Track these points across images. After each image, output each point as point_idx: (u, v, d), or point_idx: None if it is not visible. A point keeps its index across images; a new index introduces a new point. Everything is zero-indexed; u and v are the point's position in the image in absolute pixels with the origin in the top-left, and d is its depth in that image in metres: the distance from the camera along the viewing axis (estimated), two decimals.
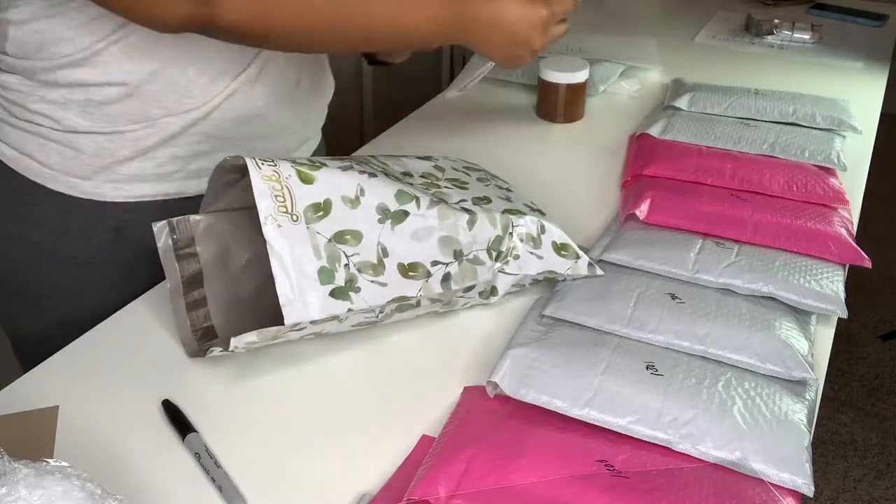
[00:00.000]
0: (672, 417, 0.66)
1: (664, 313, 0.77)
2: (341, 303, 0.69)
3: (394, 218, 0.73)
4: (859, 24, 1.76)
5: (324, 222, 0.69)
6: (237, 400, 0.72)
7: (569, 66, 1.26)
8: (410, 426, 0.69)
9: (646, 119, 1.25)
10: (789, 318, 0.78)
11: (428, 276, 0.74)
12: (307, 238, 0.68)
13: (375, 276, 0.71)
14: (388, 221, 0.72)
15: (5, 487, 0.48)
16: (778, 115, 1.20)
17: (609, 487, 0.60)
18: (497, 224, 0.78)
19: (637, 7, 1.88)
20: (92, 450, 0.66)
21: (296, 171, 0.70)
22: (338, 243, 0.69)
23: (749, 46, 1.63)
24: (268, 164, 0.69)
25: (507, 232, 0.78)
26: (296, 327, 0.68)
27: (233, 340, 0.66)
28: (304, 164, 0.71)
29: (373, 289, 0.71)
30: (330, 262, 0.69)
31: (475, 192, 0.83)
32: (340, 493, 0.63)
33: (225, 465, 0.65)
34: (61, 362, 0.76)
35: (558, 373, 0.69)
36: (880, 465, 1.89)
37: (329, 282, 0.68)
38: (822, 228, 0.91)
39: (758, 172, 1.02)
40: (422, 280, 0.73)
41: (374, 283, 0.71)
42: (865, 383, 2.14)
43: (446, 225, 0.75)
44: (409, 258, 0.73)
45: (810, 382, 0.72)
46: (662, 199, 0.95)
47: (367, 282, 0.70)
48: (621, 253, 0.86)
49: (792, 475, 0.62)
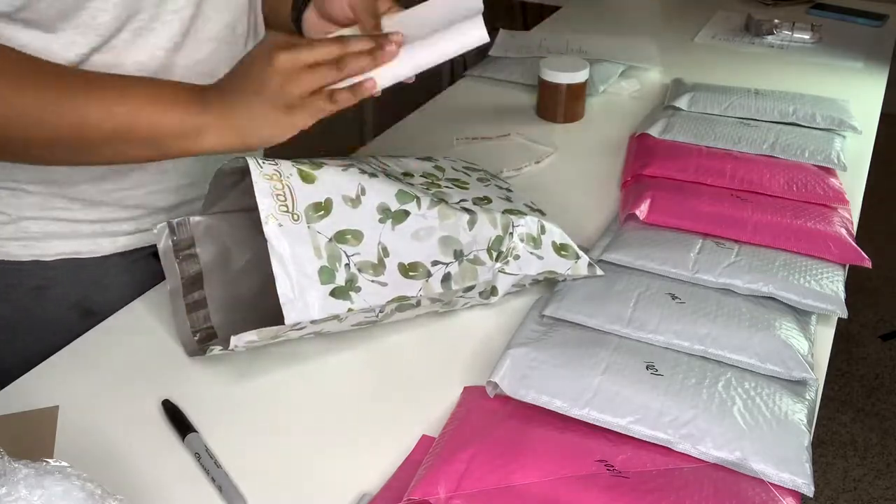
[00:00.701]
0: (672, 417, 0.65)
1: (664, 313, 0.77)
2: (341, 302, 0.69)
3: (394, 218, 0.73)
4: (859, 24, 1.76)
5: (324, 222, 0.69)
6: (237, 400, 0.72)
7: (569, 66, 1.26)
8: (410, 426, 0.69)
9: (646, 119, 1.25)
10: (789, 318, 0.78)
11: (428, 276, 0.74)
12: (308, 237, 0.68)
13: (376, 275, 0.71)
14: (388, 221, 0.72)
15: (5, 487, 0.48)
16: (778, 115, 1.20)
17: (609, 487, 0.60)
18: (497, 224, 0.78)
19: (637, 7, 1.88)
20: (92, 450, 0.66)
21: (297, 170, 0.70)
22: (338, 243, 0.69)
23: (749, 46, 1.63)
24: (269, 163, 0.70)
25: (507, 232, 0.79)
26: (296, 327, 0.68)
27: (233, 339, 0.66)
28: (305, 163, 0.71)
29: (373, 288, 0.71)
30: (330, 262, 0.69)
31: (475, 192, 0.83)
32: (340, 493, 0.63)
33: (225, 465, 0.65)
34: (61, 362, 0.76)
35: (558, 373, 0.69)
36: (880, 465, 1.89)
37: (329, 281, 0.68)
38: (822, 228, 0.91)
39: (758, 172, 1.02)
40: (422, 280, 0.73)
41: (374, 282, 0.71)
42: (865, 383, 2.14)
43: (447, 225, 0.75)
44: (410, 258, 0.73)
45: (810, 382, 0.72)
46: (662, 199, 0.95)
47: (368, 281, 0.70)
48: (621, 253, 0.86)
49: (792, 475, 0.62)
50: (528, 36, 1.64)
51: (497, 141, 1.21)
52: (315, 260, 0.68)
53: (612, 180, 1.10)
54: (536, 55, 1.47)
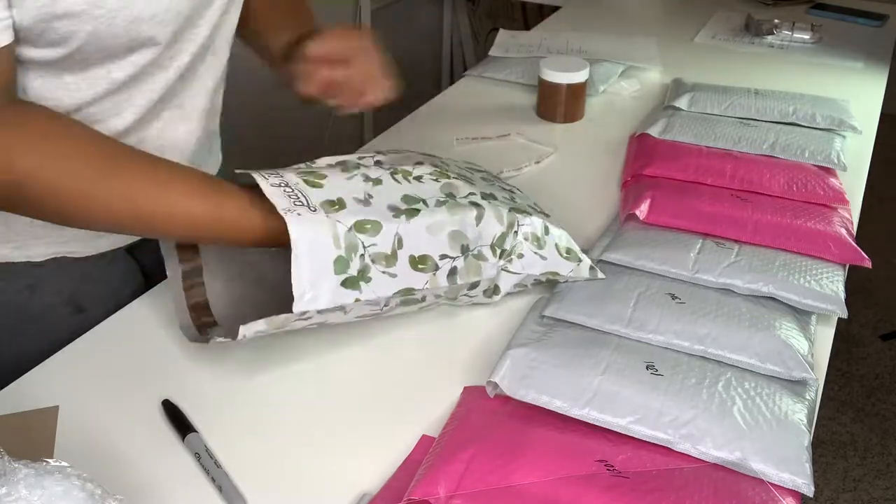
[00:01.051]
0: (672, 417, 0.66)
1: (664, 313, 0.77)
2: (351, 292, 0.69)
3: (407, 214, 0.73)
4: (859, 24, 1.76)
5: (342, 212, 0.70)
6: (237, 400, 0.72)
7: (569, 66, 1.26)
8: (410, 426, 0.69)
9: (646, 119, 1.25)
10: (789, 318, 0.78)
11: (436, 270, 0.74)
12: (328, 225, 0.68)
13: (388, 266, 0.71)
14: (402, 216, 0.72)
15: (5, 487, 0.48)
16: (778, 115, 1.20)
17: (609, 487, 0.60)
18: (503, 220, 0.78)
19: (637, 7, 1.88)
20: (92, 450, 0.66)
21: (302, 179, 0.71)
22: (358, 232, 0.69)
23: (749, 46, 1.63)
24: (273, 175, 0.70)
25: (512, 230, 0.78)
26: (302, 316, 0.68)
27: (242, 328, 0.65)
28: (308, 173, 0.72)
29: (383, 279, 0.70)
30: (347, 252, 0.68)
31: (482, 188, 0.83)
32: (340, 493, 0.63)
33: (225, 465, 0.65)
34: (61, 362, 0.76)
35: (558, 373, 0.69)
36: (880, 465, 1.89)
37: (343, 271, 0.68)
38: (822, 228, 0.91)
39: (758, 172, 1.02)
40: (429, 273, 0.73)
41: (384, 273, 0.71)
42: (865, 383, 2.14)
43: (456, 220, 0.75)
44: (421, 251, 0.73)
45: (810, 382, 0.72)
46: (662, 199, 0.95)
47: (379, 272, 0.70)
48: (621, 253, 0.86)
49: (792, 475, 0.62)
50: (528, 36, 1.64)
51: (497, 141, 1.21)
52: (333, 249, 0.68)
53: (612, 180, 1.10)
54: (536, 55, 1.47)
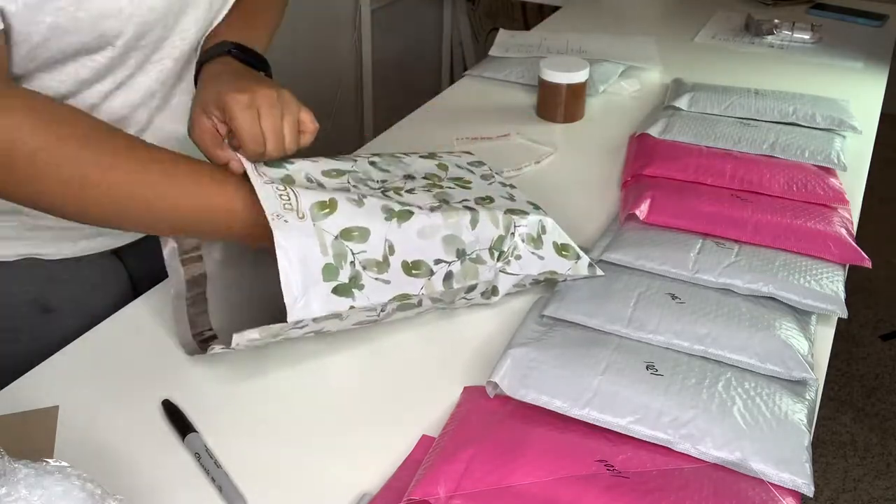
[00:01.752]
0: (672, 417, 0.66)
1: (664, 313, 0.77)
2: (344, 299, 0.69)
3: (399, 216, 0.73)
4: (859, 24, 1.76)
5: (330, 219, 0.69)
6: (237, 400, 0.72)
7: (569, 66, 1.26)
8: (410, 426, 0.69)
9: (646, 119, 1.25)
10: (789, 318, 0.78)
11: (430, 275, 0.74)
12: (314, 235, 0.68)
13: (379, 273, 0.71)
14: (394, 219, 0.72)
15: (5, 487, 0.48)
16: (778, 115, 1.20)
17: (609, 487, 0.60)
18: (500, 223, 0.78)
19: (637, 7, 1.88)
20: (92, 450, 0.66)
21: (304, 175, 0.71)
22: (344, 240, 0.69)
23: (749, 46, 1.63)
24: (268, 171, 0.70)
25: (509, 232, 0.79)
26: (298, 325, 0.68)
27: (235, 336, 0.66)
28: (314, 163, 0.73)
29: (376, 286, 0.71)
30: (336, 260, 0.69)
31: (478, 191, 0.83)
32: (340, 493, 0.63)
33: (225, 465, 0.65)
34: (61, 362, 0.76)
35: (558, 373, 0.69)
36: (880, 465, 1.89)
37: (332, 279, 0.68)
38: (822, 228, 0.91)
39: (758, 172, 1.02)
40: (424, 278, 0.73)
41: (377, 280, 0.71)
42: (865, 383, 2.14)
43: (451, 224, 0.75)
44: (413, 256, 0.73)
45: (810, 382, 0.72)
46: (662, 199, 0.95)
47: (371, 279, 0.70)
48: (621, 253, 0.86)
49: (792, 475, 0.62)
50: (528, 36, 1.64)
51: (497, 141, 1.21)
52: (321, 257, 0.68)
53: (612, 180, 1.10)
54: (536, 55, 1.47)
